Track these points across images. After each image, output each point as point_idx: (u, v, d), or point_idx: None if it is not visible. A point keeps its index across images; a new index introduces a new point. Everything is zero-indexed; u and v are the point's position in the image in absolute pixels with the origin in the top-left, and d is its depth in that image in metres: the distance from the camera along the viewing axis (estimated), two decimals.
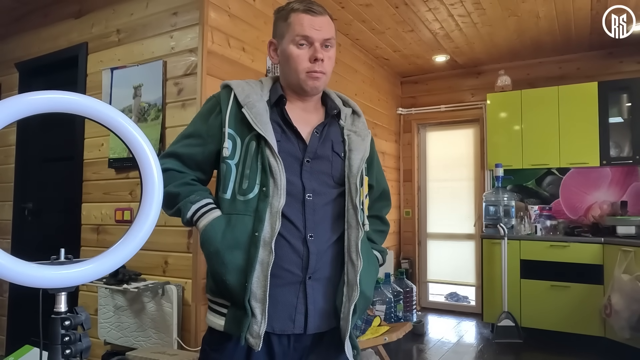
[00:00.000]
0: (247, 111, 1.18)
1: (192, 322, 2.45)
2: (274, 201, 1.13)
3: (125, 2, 2.87)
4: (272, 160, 1.15)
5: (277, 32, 1.26)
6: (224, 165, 1.19)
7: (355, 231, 1.19)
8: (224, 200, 1.18)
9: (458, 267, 5.02)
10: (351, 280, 1.17)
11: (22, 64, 3.40)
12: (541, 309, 3.91)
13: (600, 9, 3.39)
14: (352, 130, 1.31)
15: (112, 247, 0.88)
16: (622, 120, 4.12)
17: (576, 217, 4.37)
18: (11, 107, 0.77)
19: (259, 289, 1.10)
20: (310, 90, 1.24)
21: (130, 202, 2.75)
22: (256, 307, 1.10)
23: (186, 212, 1.16)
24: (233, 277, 1.11)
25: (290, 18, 1.21)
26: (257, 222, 1.12)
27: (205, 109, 1.27)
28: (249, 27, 2.86)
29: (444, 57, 4.65)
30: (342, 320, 1.18)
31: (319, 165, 1.22)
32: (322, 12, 1.22)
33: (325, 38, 1.21)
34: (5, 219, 3.42)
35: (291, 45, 1.20)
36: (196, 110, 2.53)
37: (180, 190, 1.19)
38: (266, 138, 1.15)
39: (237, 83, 1.25)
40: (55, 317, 0.84)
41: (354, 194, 1.20)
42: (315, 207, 1.19)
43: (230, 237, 1.13)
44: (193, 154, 1.23)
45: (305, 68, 1.20)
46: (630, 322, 3.31)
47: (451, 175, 5.12)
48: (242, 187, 1.17)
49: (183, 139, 1.27)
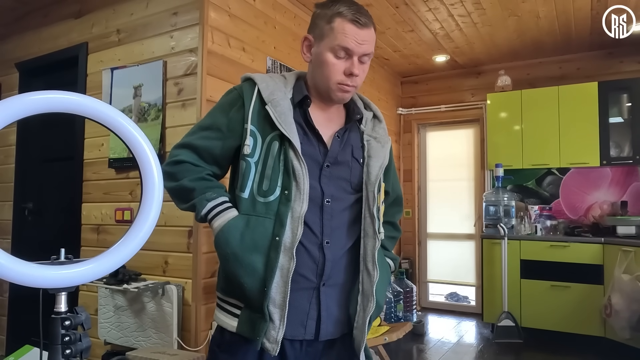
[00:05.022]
0: (271, 109, 1.13)
1: (192, 322, 2.45)
2: (295, 206, 1.10)
3: (125, 2, 2.87)
4: (295, 163, 1.11)
5: (315, 31, 1.18)
6: (244, 162, 1.14)
7: (372, 240, 1.18)
8: (242, 200, 1.13)
9: (458, 267, 5.02)
10: (367, 290, 1.16)
11: (22, 64, 3.40)
12: (541, 309, 3.91)
13: (600, 9, 3.39)
14: (372, 136, 1.27)
15: (112, 247, 0.88)
16: (622, 120, 4.12)
17: (576, 217, 4.37)
18: (11, 107, 0.77)
19: (278, 295, 1.08)
20: (337, 101, 1.21)
21: (130, 202, 2.75)
22: (274, 313, 1.08)
23: (201, 209, 1.12)
24: (251, 281, 1.08)
25: (335, 23, 1.13)
26: (278, 226, 1.09)
27: (225, 102, 1.21)
28: (249, 27, 2.86)
29: (444, 57, 4.65)
30: (355, 329, 1.17)
31: (338, 170, 1.19)
32: (368, 23, 1.14)
33: (365, 53, 1.15)
34: (5, 219, 3.42)
35: (329, 53, 1.14)
36: (196, 110, 2.53)
37: (195, 186, 1.14)
38: (291, 140, 1.11)
39: (261, 77, 1.19)
40: (55, 317, 0.84)
41: (372, 202, 1.19)
42: (333, 213, 1.17)
43: (249, 240, 1.09)
44: (211, 148, 1.17)
45: (338, 80, 1.15)
46: (631, 322, 3.31)
47: (451, 175, 5.12)
48: (262, 188, 1.13)
49: (200, 131, 1.19)
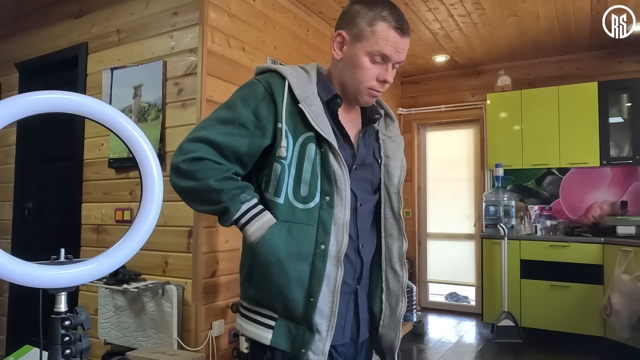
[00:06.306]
0: (305, 108, 1.07)
1: (192, 322, 2.45)
2: (337, 212, 1.06)
3: (125, 2, 2.88)
4: (337, 168, 1.06)
5: (353, 30, 1.11)
6: (279, 165, 1.07)
7: (398, 241, 1.18)
8: (277, 205, 1.07)
9: (458, 267, 5.02)
10: (394, 289, 1.18)
11: (22, 64, 3.40)
12: (541, 309, 3.91)
13: (600, 9, 3.39)
14: (387, 135, 1.25)
15: (112, 247, 0.88)
16: (622, 120, 4.12)
17: (576, 217, 4.37)
18: (11, 107, 0.77)
19: (325, 305, 1.04)
20: (362, 104, 1.19)
21: (130, 202, 2.75)
22: (321, 324, 1.04)
23: (235, 211, 1.04)
24: (296, 292, 1.04)
25: (377, 27, 1.08)
26: (322, 234, 1.05)
27: (248, 94, 1.09)
28: (249, 27, 2.86)
29: (444, 57, 4.65)
30: (382, 327, 1.19)
31: (363, 172, 1.17)
32: (408, 31, 1.11)
33: (400, 61, 1.12)
34: (5, 219, 3.42)
35: (365, 57, 1.09)
36: (196, 110, 2.53)
37: (223, 186, 1.03)
38: (331, 143, 1.06)
39: (289, 71, 1.11)
40: (55, 317, 0.84)
41: (395, 203, 1.18)
42: (364, 216, 1.16)
43: (294, 248, 1.04)
44: (236, 146, 1.06)
45: (370, 85, 1.12)
46: (630, 322, 3.31)
47: (451, 175, 5.12)
48: (301, 194, 1.07)
49: (219, 125, 1.07)
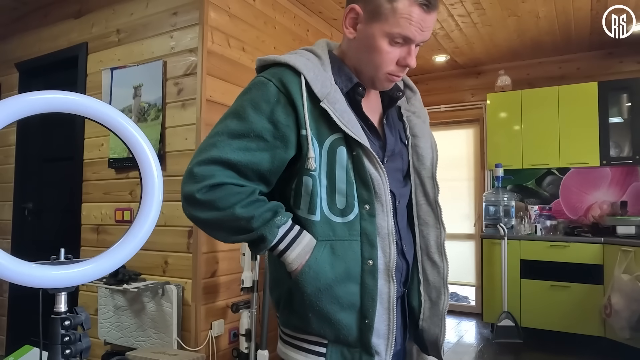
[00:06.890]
0: (329, 107, 0.92)
1: (192, 322, 2.45)
2: (380, 221, 0.94)
3: (125, 2, 2.88)
4: (374, 172, 0.93)
5: (369, 5, 0.93)
6: (309, 179, 0.92)
7: (435, 230, 1.05)
8: (314, 223, 0.93)
9: (458, 267, 5.02)
10: (434, 281, 1.05)
11: (22, 64, 3.40)
12: (541, 309, 3.91)
13: (600, 9, 3.39)
14: (410, 110, 1.10)
15: (112, 247, 0.88)
16: (622, 120, 4.12)
17: (576, 217, 4.37)
18: (11, 107, 0.77)
19: (382, 324, 0.93)
20: (380, 89, 1.03)
21: (130, 202, 2.75)
22: (379, 344, 0.93)
23: (272, 238, 0.90)
24: (348, 316, 0.92)
25: (399, 2, 0.90)
26: (368, 249, 0.93)
27: (260, 98, 0.92)
28: (249, 27, 2.86)
29: (444, 57, 4.65)
30: (423, 321, 1.06)
31: (394, 162, 1.03)
32: (436, 4, 0.93)
33: (424, 40, 0.96)
34: (5, 219, 3.43)
35: (384, 39, 0.93)
36: (196, 110, 2.52)
37: (253, 212, 0.89)
38: (363, 144, 0.92)
39: (302, 63, 0.94)
40: (55, 317, 0.84)
41: (430, 189, 1.05)
42: (402, 213, 1.04)
43: (341, 269, 0.92)
44: (256, 163, 0.90)
45: (388, 70, 0.96)
46: (630, 322, 3.31)
47: (451, 175, 5.11)
48: (337, 207, 0.93)
49: (232, 139, 0.90)
